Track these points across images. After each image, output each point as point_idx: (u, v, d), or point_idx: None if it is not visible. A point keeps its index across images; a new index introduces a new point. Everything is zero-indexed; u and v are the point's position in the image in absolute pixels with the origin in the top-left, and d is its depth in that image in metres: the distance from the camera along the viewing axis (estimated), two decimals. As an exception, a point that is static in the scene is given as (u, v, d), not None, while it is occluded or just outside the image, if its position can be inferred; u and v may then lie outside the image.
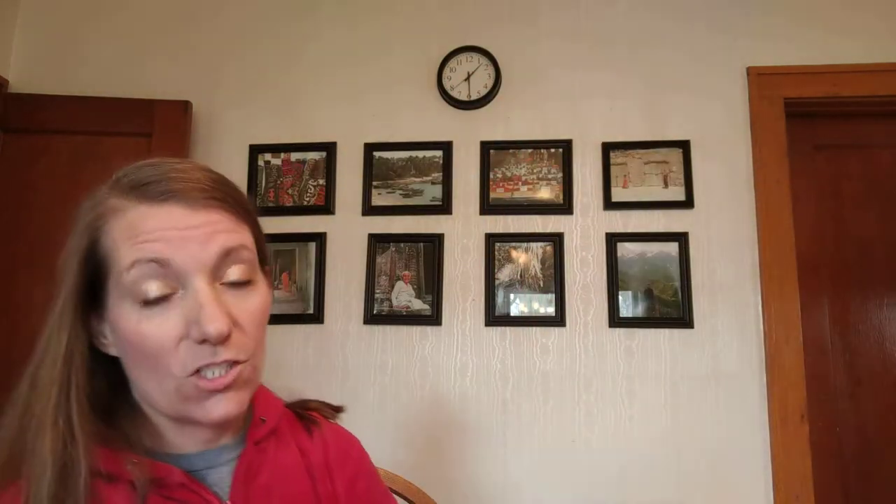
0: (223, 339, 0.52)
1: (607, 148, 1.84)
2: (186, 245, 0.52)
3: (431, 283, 1.83)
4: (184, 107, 1.89)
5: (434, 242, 1.84)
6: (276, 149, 1.95)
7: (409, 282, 1.84)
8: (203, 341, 0.51)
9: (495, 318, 1.79)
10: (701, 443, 1.68)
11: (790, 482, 1.63)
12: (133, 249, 0.52)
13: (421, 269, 1.84)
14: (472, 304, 1.82)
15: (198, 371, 0.52)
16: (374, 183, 1.90)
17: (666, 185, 1.81)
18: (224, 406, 0.54)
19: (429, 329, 1.81)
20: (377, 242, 1.86)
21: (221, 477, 0.59)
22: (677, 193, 1.80)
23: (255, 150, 1.95)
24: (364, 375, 1.81)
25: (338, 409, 0.77)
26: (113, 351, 0.56)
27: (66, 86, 1.97)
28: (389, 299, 1.84)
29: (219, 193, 0.55)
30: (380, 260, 1.86)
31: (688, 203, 1.79)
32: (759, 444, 1.66)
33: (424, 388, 1.79)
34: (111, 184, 0.56)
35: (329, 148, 1.93)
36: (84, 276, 0.54)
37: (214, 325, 0.51)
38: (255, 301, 0.57)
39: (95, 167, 1.86)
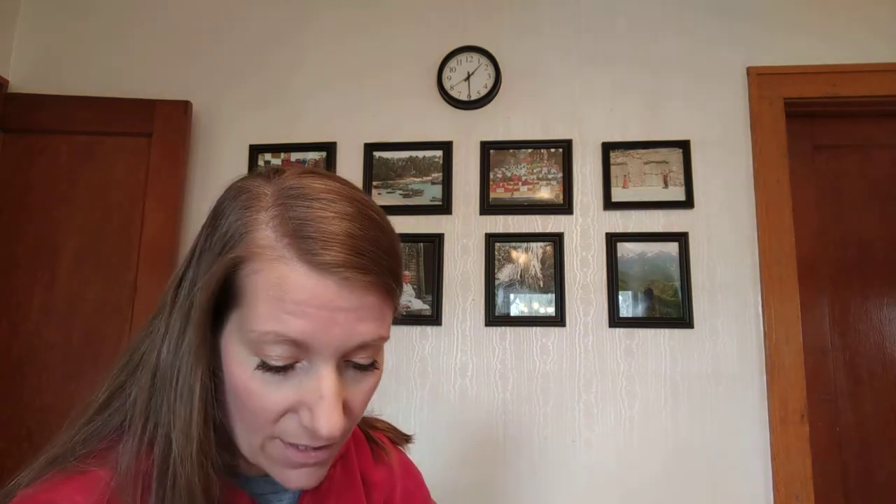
0: (333, 441, 0.48)
1: (607, 148, 1.84)
2: (330, 328, 0.46)
3: (431, 283, 1.83)
4: (184, 107, 1.90)
5: (434, 242, 1.84)
6: (276, 149, 1.95)
7: (409, 282, 1.84)
8: (312, 431, 0.47)
9: (495, 318, 1.79)
10: (701, 443, 1.68)
11: (790, 482, 1.63)
12: (275, 316, 0.45)
13: (421, 269, 1.84)
14: (472, 304, 1.82)
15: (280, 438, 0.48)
16: (374, 183, 1.90)
17: (666, 185, 1.81)
18: (306, 479, 0.50)
19: (429, 329, 1.81)
20: (377, 242, 1.86)
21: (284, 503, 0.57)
22: (677, 193, 1.80)
23: (255, 150, 1.95)
24: (364, 375, 1.80)
25: (407, 439, 0.73)
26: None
27: (66, 86, 1.97)
28: (389, 299, 1.83)
29: (379, 269, 0.47)
30: (380, 260, 1.85)
31: (688, 203, 1.79)
32: (759, 444, 1.66)
33: (424, 388, 1.79)
34: (274, 198, 0.48)
35: (329, 148, 1.93)
36: (214, 303, 0.48)
37: (328, 426, 0.46)
38: (371, 382, 0.52)
39: (95, 167, 1.86)
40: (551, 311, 1.78)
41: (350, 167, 1.92)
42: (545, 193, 1.85)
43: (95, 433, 0.50)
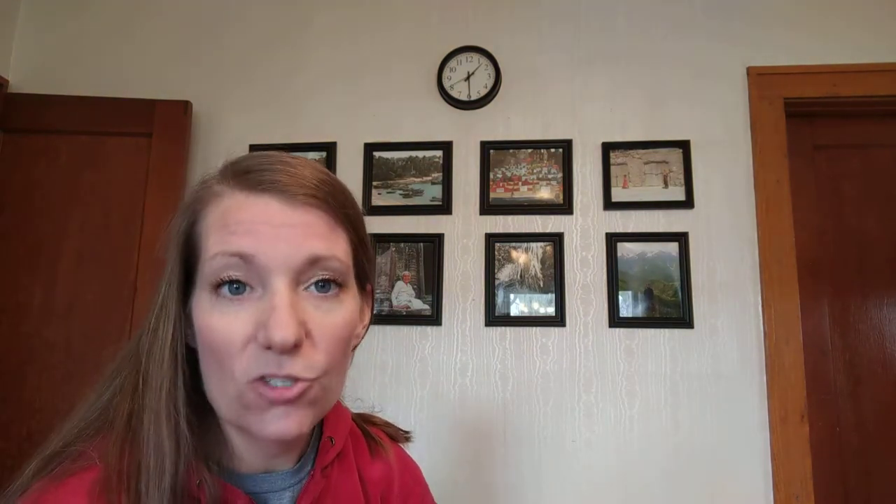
0: (288, 349, 0.46)
1: (607, 148, 1.84)
2: (275, 244, 0.48)
3: (431, 283, 1.83)
4: (184, 107, 1.90)
5: (434, 242, 1.84)
6: (275, 148, 1.95)
7: (409, 282, 1.84)
8: (268, 348, 0.47)
9: (495, 318, 1.79)
10: (701, 443, 1.68)
11: (790, 482, 1.63)
12: (221, 240, 0.49)
13: (421, 269, 1.84)
14: (472, 304, 1.82)
15: (261, 379, 0.48)
16: (374, 183, 1.90)
17: (666, 185, 1.81)
18: (284, 423, 0.48)
19: (429, 329, 1.81)
20: (377, 242, 1.86)
21: (283, 503, 0.56)
22: (677, 193, 1.80)
23: (255, 150, 1.95)
24: (364, 375, 1.81)
25: (407, 436, 0.73)
26: (194, 344, 0.52)
27: (66, 86, 1.97)
28: (389, 299, 1.84)
29: (321, 193, 0.51)
30: (380, 260, 1.86)
31: (688, 203, 1.79)
32: (759, 444, 1.66)
33: (424, 388, 1.79)
34: (220, 168, 0.54)
35: (329, 148, 1.93)
36: (182, 263, 0.51)
37: (280, 332, 0.46)
38: (338, 316, 0.51)
39: (96, 167, 1.86)
40: (551, 311, 1.78)
41: (350, 167, 1.92)
42: (545, 193, 1.85)
43: (86, 427, 0.51)
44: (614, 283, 1.77)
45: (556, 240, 1.81)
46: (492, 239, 1.83)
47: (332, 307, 0.51)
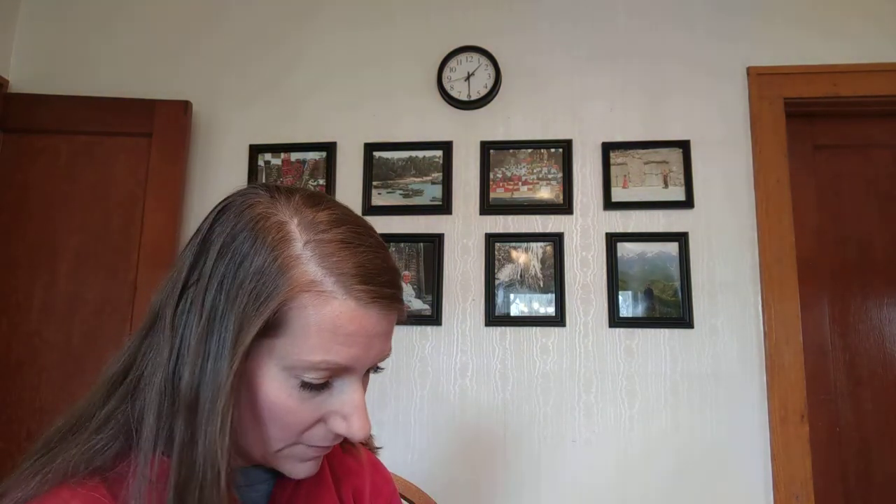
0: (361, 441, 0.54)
1: (607, 148, 1.84)
2: (369, 353, 0.52)
3: (431, 283, 1.83)
4: (184, 107, 1.89)
5: (434, 242, 1.84)
6: (275, 149, 1.95)
7: (409, 282, 1.84)
8: (340, 437, 0.53)
9: (495, 318, 1.79)
10: (701, 443, 1.68)
11: (790, 482, 1.63)
12: (326, 348, 0.49)
13: (421, 269, 1.84)
14: (472, 304, 1.82)
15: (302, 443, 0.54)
16: (374, 183, 1.90)
17: (666, 185, 1.81)
18: (310, 469, 0.56)
19: (429, 329, 1.81)
20: (377, 242, 1.86)
21: (259, 496, 0.59)
22: (677, 193, 1.80)
23: (255, 150, 1.95)
24: (364, 375, 1.80)
25: (377, 448, 0.75)
26: None
27: (66, 86, 1.97)
28: (389, 299, 1.83)
29: (401, 294, 0.55)
30: (380, 260, 1.85)
31: (688, 203, 1.79)
32: (759, 444, 1.66)
33: (424, 388, 1.79)
34: (305, 235, 0.50)
35: (329, 148, 1.93)
36: (259, 329, 0.48)
37: (364, 432, 0.52)
38: (367, 384, 0.58)
39: (95, 167, 1.86)
40: (551, 311, 1.78)
41: (350, 167, 1.92)
42: (545, 193, 1.85)
43: (98, 452, 0.49)
44: (614, 283, 1.77)
45: (556, 240, 1.81)
46: (492, 239, 1.83)
47: (367, 379, 0.57)
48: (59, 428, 0.51)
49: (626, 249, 1.79)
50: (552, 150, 1.87)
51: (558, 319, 1.77)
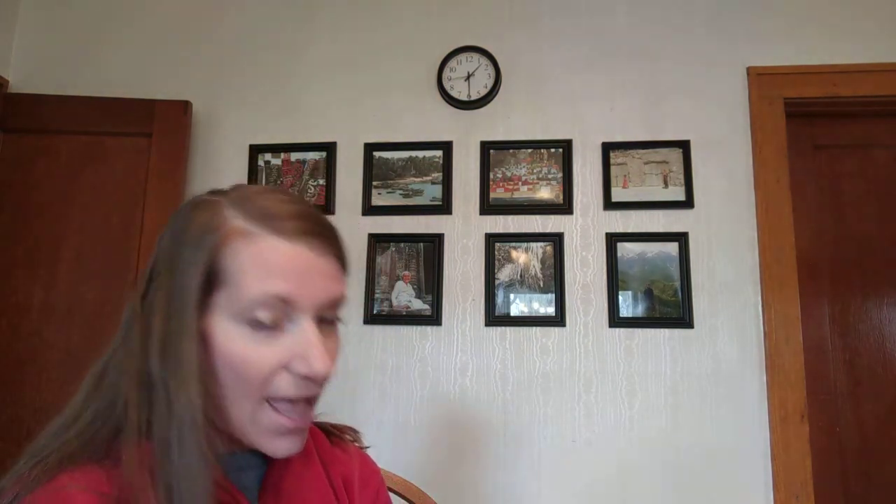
0: (323, 379, 0.55)
1: (607, 148, 1.84)
2: (310, 287, 0.55)
3: (431, 283, 1.83)
4: (184, 107, 1.90)
5: (434, 242, 1.84)
6: (276, 149, 1.95)
7: (409, 282, 1.84)
8: (306, 377, 0.55)
9: (495, 318, 1.79)
10: (701, 443, 1.68)
11: (790, 482, 1.63)
12: (261, 281, 0.53)
13: (421, 269, 1.84)
14: (472, 304, 1.82)
15: (277, 401, 0.55)
16: (374, 183, 1.90)
17: (666, 185, 1.81)
18: (292, 445, 0.57)
19: (429, 329, 1.81)
20: (377, 242, 1.86)
21: (250, 481, 0.61)
22: (677, 193, 1.80)
23: (255, 150, 1.95)
24: (364, 375, 1.81)
25: (365, 445, 0.78)
26: None
27: (66, 86, 1.97)
28: (389, 299, 1.84)
29: (337, 244, 0.59)
30: (380, 260, 1.86)
31: (688, 203, 1.79)
32: (759, 444, 1.66)
33: (424, 388, 1.79)
34: (233, 201, 0.57)
35: (329, 148, 1.93)
36: (201, 287, 0.54)
37: (323, 365, 0.54)
38: (336, 338, 0.60)
39: (95, 167, 1.86)
40: (551, 311, 1.78)
41: (350, 167, 1.92)
42: (545, 193, 1.85)
43: (89, 442, 0.53)
44: (614, 283, 1.77)
45: (556, 240, 1.81)
46: (492, 239, 1.83)
47: (334, 332, 0.60)
48: (51, 427, 0.56)
49: (626, 249, 1.79)
50: (552, 149, 1.87)
51: (558, 319, 1.77)
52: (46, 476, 0.49)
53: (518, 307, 1.80)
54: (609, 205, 1.81)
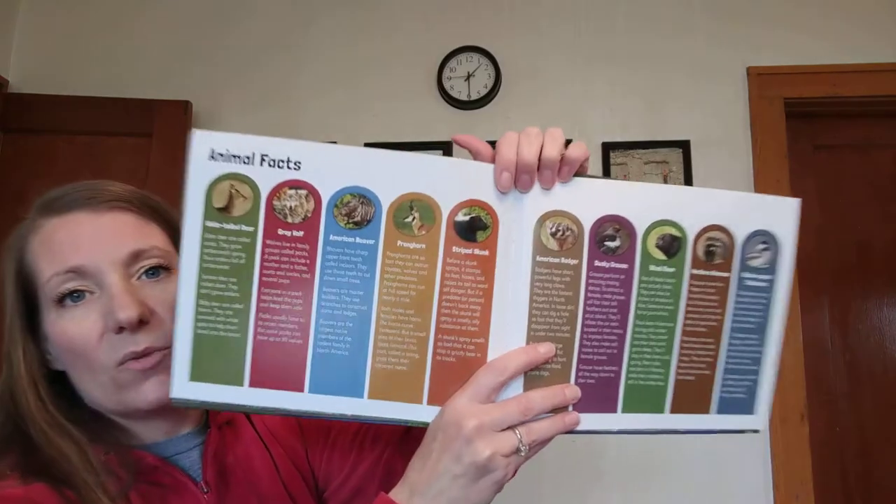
0: (135, 324, 0.54)
1: (607, 148, 1.84)
2: (96, 247, 0.56)
3: (431, 283, 1.82)
4: (184, 107, 1.89)
5: (434, 242, 1.84)
6: (276, 149, 1.95)
7: (409, 282, 1.84)
8: (120, 330, 0.54)
9: (495, 318, 1.79)
10: (701, 443, 1.68)
11: (790, 482, 1.63)
12: (49, 262, 0.56)
13: (421, 269, 1.84)
14: (472, 304, 1.81)
15: (125, 361, 0.55)
16: (374, 183, 1.90)
17: (666, 184, 1.81)
18: (158, 388, 0.56)
19: (429, 329, 1.81)
20: (377, 242, 1.86)
21: (192, 461, 0.62)
22: (677, 193, 1.80)
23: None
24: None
25: None
26: (59, 365, 0.59)
27: (66, 86, 1.97)
28: (389, 299, 1.83)
29: (124, 198, 0.60)
30: (380, 260, 1.86)
31: (688, 203, 1.79)
32: (759, 444, 1.66)
33: (424, 388, 1.79)
34: (34, 209, 0.60)
35: (329, 148, 1.93)
36: (21, 295, 0.57)
37: (125, 311, 0.53)
38: (172, 290, 0.55)
39: (95, 167, 1.86)
40: (551, 311, 1.78)
41: (350, 167, 1.92)
42: (545, 193, 1.85)
43: None
44: (614, 283, 1.76)
45: (556, 240, 1.81)
46: (492, 239, 1.83)
47: (167, 283, 0.59)
48: None
49: (626, 249, 1.79)
50: (552, 150, 1.87)
51: (558, 319, 1.77)
52: None
53: (518, 307, 1.80)
54: (609, 205, 1.81)
